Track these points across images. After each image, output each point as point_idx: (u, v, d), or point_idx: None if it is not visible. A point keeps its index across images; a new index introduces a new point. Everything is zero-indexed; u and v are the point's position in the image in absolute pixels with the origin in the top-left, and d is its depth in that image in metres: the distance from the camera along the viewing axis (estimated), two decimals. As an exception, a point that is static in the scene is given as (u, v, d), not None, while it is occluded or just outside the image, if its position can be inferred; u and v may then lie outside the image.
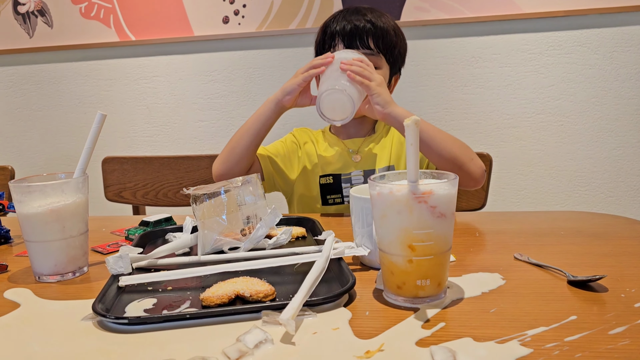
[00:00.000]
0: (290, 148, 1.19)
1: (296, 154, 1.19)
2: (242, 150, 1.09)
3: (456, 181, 0.59)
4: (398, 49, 1.14)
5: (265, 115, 1.07)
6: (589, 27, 1.84)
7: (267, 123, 1.08)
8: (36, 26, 2.16)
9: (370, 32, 1.08)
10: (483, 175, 1.02)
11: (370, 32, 1.08)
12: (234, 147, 1.10)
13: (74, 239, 0.74)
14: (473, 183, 1.02)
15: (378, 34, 1.09)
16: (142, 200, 1.55)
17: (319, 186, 1.14)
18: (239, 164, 1.10)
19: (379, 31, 1.09)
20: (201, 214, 0.77)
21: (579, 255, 0.74)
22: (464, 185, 1.02)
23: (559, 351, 0.47)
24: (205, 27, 2.04)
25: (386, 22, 1.11)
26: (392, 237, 0.58)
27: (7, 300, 0.66)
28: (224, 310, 0.57)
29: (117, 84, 2.17)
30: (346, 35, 1.08)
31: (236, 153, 1.10)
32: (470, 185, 1.03)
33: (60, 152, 2.27)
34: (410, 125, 0.55)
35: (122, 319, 0.56)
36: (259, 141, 1.10)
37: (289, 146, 1.19)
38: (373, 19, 1.09)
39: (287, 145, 1.19)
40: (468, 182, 1.01)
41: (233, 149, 1.10)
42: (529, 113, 1.92)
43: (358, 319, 0.56)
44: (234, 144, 1.10)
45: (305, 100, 1.07)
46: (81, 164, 0.76)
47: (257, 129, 1.08)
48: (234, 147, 1.10)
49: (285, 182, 1.18)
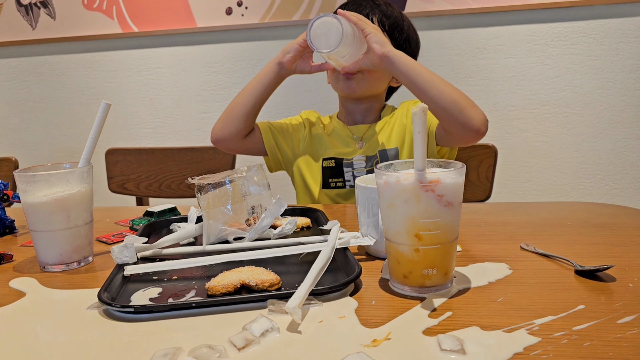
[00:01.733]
0: (295, 127, 1.20)
1: (300, 133, 1.19)
2: (241, 111, 1.09)
3: (463, 170, 0.58)
4: (406, 34, 1.14)
5: (267, 77, 1.07)
6: (595, 18, 1.83)
7: (268, 85, 1.07)
8: (39, 18, 2.16)
9: (379, 19, 1.10)
10: (485, 124, 0.96)
11: (379, 19, 1.10)
12: (233, 108, 1.10)
13: (78, 229, 0.74)
14: (474, 133, 0.95)
15: (384, 20, 1.11)
16: (146, 192, 1.55)
17: (321, 169, 1.14)
18: (237, 125, 1.10)
19: (387, 18, 1.11)
20: (206, 203, 0.77)
21: (586, 245, 0.73)
22: (465, 135, 0.97)
23: (567, 340, 0.47)
24: (209, 19, 2.03)
25: (394, 10, 1.13)
26: (399, 226, 0.58)
27: (13, 289, 0.66)
28: (230, 299, 0.57)
29: (120, 75, 2.17)
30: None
31: (234, 114, 1.10)
32: (471, 135, 0.96)
33: (63, 143, 2.27)
34: (418, 113, 0.55)
35: (128, 308, 0.56)
36: (259, 103, 1.10)
37: (294, 125, 1.20)
38: (383, 5, 1.12)
39: (292, 123, 1.20)
40: (469, 131, 0.95)
41: (232, 110, 1.10)
42: (534, 104, 1.91)
43: (364, 308, 0.56)
44: (233, 105, 1.10)
45: (306, 66, 1.06)
46: (86, 154, 0.76)
47: (258, 91, 1.08)
48: (232, 108, 1.10)
49: (285, 158, 1.19)
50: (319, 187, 1.15)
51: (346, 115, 1.19)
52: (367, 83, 1.11)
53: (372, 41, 0.96)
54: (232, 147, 1.14)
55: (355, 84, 1.10)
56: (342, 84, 1.11)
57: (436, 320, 0.52)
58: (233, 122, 1.10)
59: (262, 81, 1.08)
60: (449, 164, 0.61)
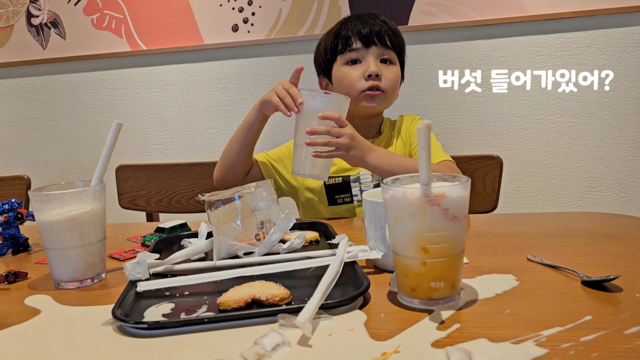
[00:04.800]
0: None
1: None
2: (234, 156, 1.13)
3: (468, 183, 0.59)
4: (404, 51, 1.20)
5: (250, 122, 1.10)
6: (598, 28, 1.84)
7: (253, 129, 1.10)
8: (49, 38, 2.20)
9: (387, 32, 1.13)
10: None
11: (387, 31, 1.13)
12: (226, 154, 1.14)
13: (92, 246, 0.75)
14: None
15: (392, 33, 1.14)
16: (156, 207, 1.57)
17: (324, 188, 1.16)
18: (233, 170, 1.14)
19: (393, 32, 1.15)
20: (216, 219, 0.78)
21: (593, 255, 0.74)
22: None
23: (575, 351, 0.47)
24: (215, 36, 2.06)
25: (395, 25, 1.17)
26: (406, 240, 0.59)
27: (28, 306, 0.68)
28: (241, 314, 0.58)
29: (130, 93, 2.20)
30: (363, 35, 1.12)
31: (229, 160, 1.13)
32: None
33: (74, 161, 2.30)
34: (422, 130, 0.56)
35: (141, 324, 0.57)
36: (248, 147, 1.12)
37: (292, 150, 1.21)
38: (386, 21, 1.16)
39: (289, 149, 1.21)
40: None
41: (226, 156, 1.14)
42: (539, 115, 1.92)
43: (373, 321, 0.56)
44: (226, 151, 1.14)
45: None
46: (98, 172, 0.78)
47: (244, 137, 1.11)
48: (226, 154, 1.14)
49: (288, 186, 1.20)
50: (325, 205, 1.16)
51: None
52: (387, 102, 1.16)
53: (352, 163, 1.01)
54: (235, 185, 1.17)
55: (379, 102, 1.13)
56: (362, 103, 1.13)
57: (444, 333, 0.53)
58: (230, 168, 1.14)
59: (246, 127, 1.10)
60: (454, 178, 0.62)
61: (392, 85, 1.13)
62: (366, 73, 1.10)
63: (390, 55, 1.14)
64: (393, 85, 1.14)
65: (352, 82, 1.12)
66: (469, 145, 1.97)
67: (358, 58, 1.13)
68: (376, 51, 1.12)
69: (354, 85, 1.12)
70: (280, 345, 0.51)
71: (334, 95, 0.98)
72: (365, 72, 1.11)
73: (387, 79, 1.12)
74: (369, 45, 1.12)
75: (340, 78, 1.14)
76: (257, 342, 0.52)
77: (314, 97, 0.97)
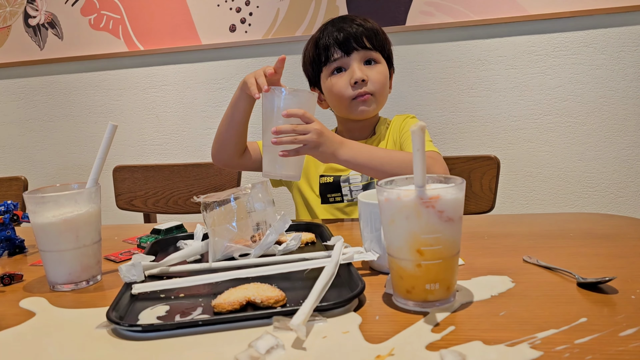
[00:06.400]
0: None
1: None
2: (223, 133, 1.12)
3: (463, 185, 0.59)
4: (388, 45, 1.19)
5: (234, 100, 1.08)
6: (595, 28, 1.84)
7: (239, 108, 1.07)
8: (47, 38, 2.20)
9: (363, 33, 1.12)
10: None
11: (363, 33, 1.12)
12: (218, 130, 1.14)
13: (87, 248, 0.75)
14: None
15: (370, 33, 1.13)
16: (153, 208, 1.56)
17: (319, 185, 1.17)
18: (224, 146, 1.13)
19: (370, 31, 1.14)
20: (212, 221, 0.78)
21: (588, 257, 0.73)
22: None
23: (569, 354, 0.47)
24: (213, 36, 2.06)
25: (373, 24, 1.16)
26: (401, 242, 0.59)
27: (23, 309, 0.68)
28: (236, 316, 0.58)
29: (127, 93, 2.20)
30: (341, 43, 1.12)
31: (219, 136, 1.13)
32: None
33: (71, 162, 2.30)
34: (416, 131, 0.56)
35: (135, 327, 0.57)
36: (237, 125, 1.10)
37: None
38: (361, 22, 1.14)
39: None
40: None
41: (218, 132, 1.14)
42: (536, 115, 1.92)
43: (368, 324, 0.56)
44: (218, 127, 1.14)
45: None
46: (93, 174, 0.78)
47: (231, 114, 1.09)
48: (218, 131, 1.14)
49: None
50: (318, 203, 1.17)
51: (346, 132, 1.21)
52: (379, 102, 1.15)
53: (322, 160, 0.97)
54: (231, 165, 1.17)
55: (370, 105, 1.13)
56: (356, 110, 1.13)
57: (439, 335, 0.52)
58: (224, 145, 1.13)
59: (233, 104, 1.08)
60: (449, 180, 0.62)
61: (380, 86, 1.13)
62: (352, 81, 1.11)
63: (373, 55, 1.13)
64: (381, 86, 1.14)
65: (340, 91, 1.12)
66: (467, 145, 1.97)
67: (341, 66, 1.13)
68: (357, 56, 1.12)
69: (343, 94, 1.12)
70: (275, 348, 0.51)
71: (297, 91, 0.95)
72: (351, 79, 1.11)
73: (374, 81, 1.12)
74: (350, 52, 1.12)
75: (329, 90, 1.15)
76: (251, 345, 0.51)
77: (277, 96, 0.94)
